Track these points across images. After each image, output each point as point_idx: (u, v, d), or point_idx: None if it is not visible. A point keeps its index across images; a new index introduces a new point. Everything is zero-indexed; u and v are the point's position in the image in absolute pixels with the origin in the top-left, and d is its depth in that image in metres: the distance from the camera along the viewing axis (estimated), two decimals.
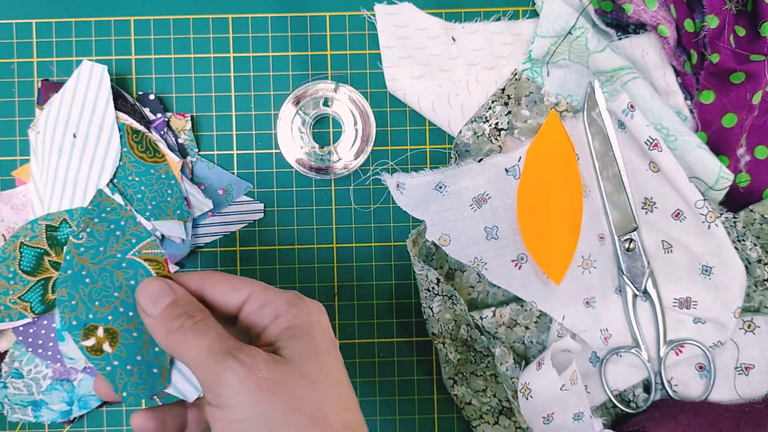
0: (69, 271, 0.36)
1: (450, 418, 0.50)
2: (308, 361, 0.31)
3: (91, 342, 0.35)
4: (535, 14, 0.50)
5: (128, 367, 0.34)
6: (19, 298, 0.45)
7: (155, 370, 0.35)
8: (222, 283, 0.34)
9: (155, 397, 0.44)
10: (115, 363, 0.34)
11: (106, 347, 0.35)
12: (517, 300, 0.47)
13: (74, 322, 0.35)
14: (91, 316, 0.35)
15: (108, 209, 0.37)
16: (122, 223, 0.36)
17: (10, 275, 0.45)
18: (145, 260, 0.36)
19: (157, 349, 0.35)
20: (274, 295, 0.34)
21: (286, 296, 0.34)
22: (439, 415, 0.50)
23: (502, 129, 0.48)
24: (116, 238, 0.36)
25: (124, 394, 0.34)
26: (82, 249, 0.36)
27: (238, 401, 0.29)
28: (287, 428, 0.29)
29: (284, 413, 0.29)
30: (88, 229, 0.36)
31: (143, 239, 0.36)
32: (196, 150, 0.49)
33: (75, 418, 0.48)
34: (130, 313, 0.35)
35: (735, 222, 0.46)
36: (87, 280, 0.35)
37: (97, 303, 0.35)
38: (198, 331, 0.31)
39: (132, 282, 0.35)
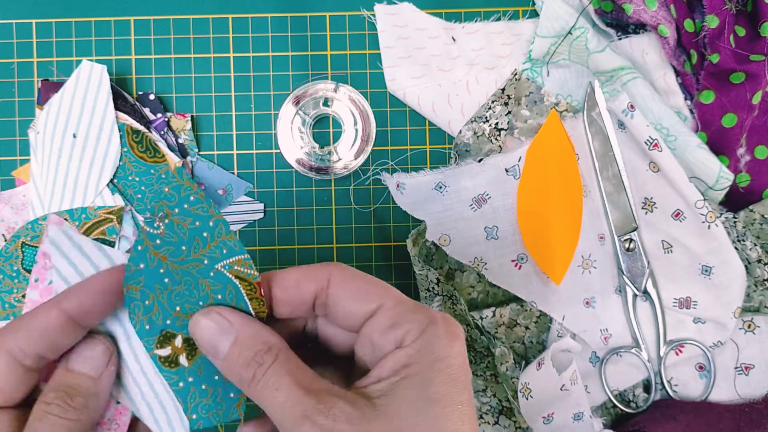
0: (141, 265, 0.29)
1: None
2: (412, 416, 0.25)
3: (166, 351, 0.30)
4: (535, 14, 0.50)
5: (203, 387, 0.30)
6: (23, 296, 0.45)
7: (232, 395, 0.30)
8: (353, 288, 0.28)
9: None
10: (190, 379, 0.30)
11: (183, 360, 0.30)
12: (517, 300, 0.47)
13: (147, 326, 0.29)
14: (168, 321, 0.29)
15: (191, 198, 0.29)
16: (211, 224, 0.29)
17: (14, 274, 0.45)
18: (236, 278, 0.29)
19: None
20: (407, 314, 0.27)
21: (420, 317, 0.27)
22: None
23: (502, 129, 0.48)
24: (203, 240, 0.29)
25: (194, 416, 0.30)
26: (158, 242, 0.29)
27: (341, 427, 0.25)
28: None
29: None
30: (167, 220, 0.29)
31: (236, 254, 0.29)
32: (196, 150, 0.49)
33: None
34: None
35: (735, 222, 0.46)
36: (166, 280, 0.29)
37: (178, 308, 0.29)
38: (270, 386, 0.26)
39: (219, 296, 0.29)
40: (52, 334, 0.28)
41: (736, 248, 0.45)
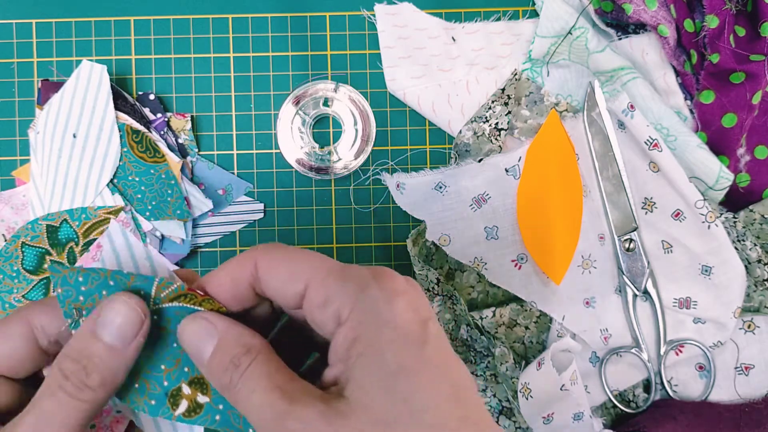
0: None
1: None
2: (379, 398, 0.23)
3: (184, 406, 0.28)
4: (535, 14, 0.50)
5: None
6: (23, 296, 0.45)
7: None
8: (278, 269, 0.26)
9: None
10: (221, 407, 0.28)
11: (202, 398, 0.28)
12: (517, 300, 0.47)
13: (153, 402, 0.28)
14: (165, 383, 0.28)
15: (80, 278, 0.27)
16: (111, 283, 0.27)
17: (14, 274, 0.45)
18: (171, 301, 0.28)
19: None
20: (336, 286, 0.25)
21: (349, 286, 0.25)
22: None
23: (502, 129, 0.48)
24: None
25: (251, 430, 0.28)
26: None
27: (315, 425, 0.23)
28: None
29: None
30: (84, 312, 0.27)
31: (150, 285, 0.27)
32: (196, 150, 0.49)
33: None
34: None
35: (735, 222, 0.46)
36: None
37: (163, 366, 0.28)
38: (245, 389, 0.25)
39: (172, 329, 0.28)
40: None
41: (736, 248, 0.45)
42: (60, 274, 0.26)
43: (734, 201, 0.47)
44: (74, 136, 0.45)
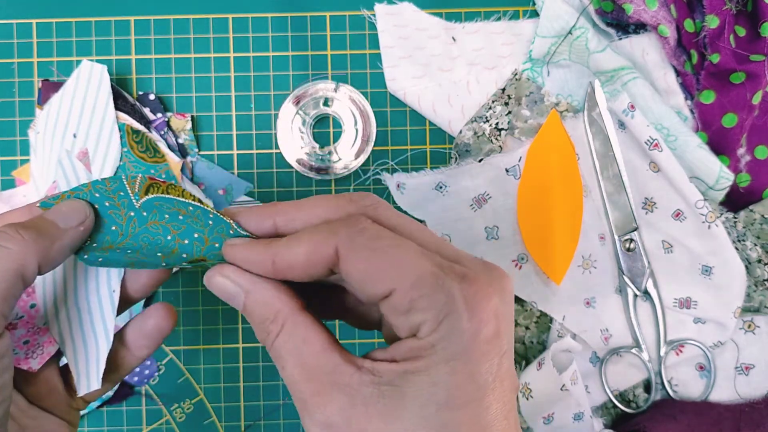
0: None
1: None
2: (415, 416, 0.23)
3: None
4: (535, 14, 0.50)
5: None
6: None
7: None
8: (363, 264, 0.24)
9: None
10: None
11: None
12: (518, 300, 0.47)
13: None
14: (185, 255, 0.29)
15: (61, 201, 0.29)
16: (96, 195, 0.29)
17: None
18: (146, 192, 0.29)
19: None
20: (423, 300, 0.23)
21: (436, 305, 0.23)
22: None
23: (502, 129, 0.48)
24: (104, 212, 0.29)
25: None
26: (98, 240, 0.29)
27: (335, 421, 0.24)
28: None
29: None
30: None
31: (122, 186, 0.29)
32: (196, 150, 0.49)
33: None
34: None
35: (735, 222, 0.46)
36: (128, 254, 0.29)
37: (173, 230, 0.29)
38: (276, 358, 0.25)
39: (167, 216, 0.29)
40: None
41: (736, 248, 0.45)
42: (86, 189, 0.29)
43: (734, 201, 0.47)
44: (74, 136, 0.45)
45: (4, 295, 0.25)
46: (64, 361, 0.33)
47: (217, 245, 0.28)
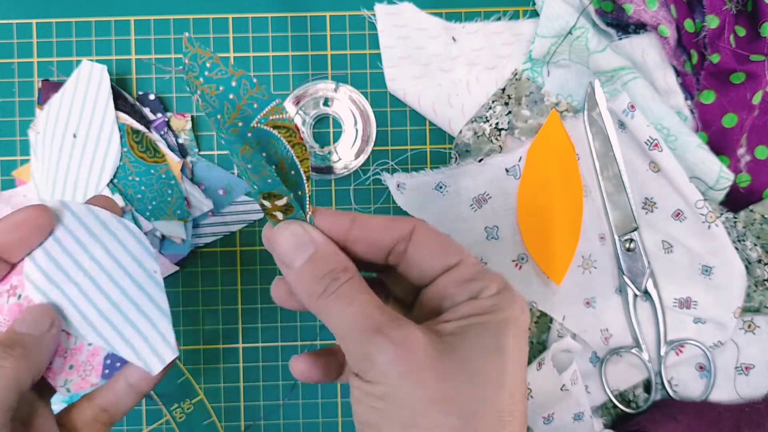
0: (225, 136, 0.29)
1: None
2: (480, 358, 0.26)
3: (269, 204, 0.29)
4: (535, 14, 0.50)
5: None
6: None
7: None
8: (434, 241, 0.29)
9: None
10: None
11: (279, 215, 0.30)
12: None
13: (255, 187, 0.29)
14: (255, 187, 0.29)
15: (208, 65, 0.28)
16: (234, 83, 0.28)
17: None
18: (274, 128, 0.29)
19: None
20: (486, 273, 0.28)
21: (497, 279, 0.28)
22: None
23: (502, 129, 0.48)
24: (231, 103, 0.28)
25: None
26: (208, 115, 0.29)
27: (384, 380, 0.26)
28: (427, 422, 0.25)
29: (431, 407, 0.25)
30: (198, 92, 0.28)
31: (267, 103, 0.28)
32: (196, 150, 0.49)
33: None
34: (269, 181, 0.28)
35: (735, 222, 0.46)
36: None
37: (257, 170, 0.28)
38: (342, 299, 0.27)
39: (264, 154, 0.29)
40: None
41: (736, 248, 0.45)
42: (194, 49, 0.28)
43: (734, 201, 0.47)
44: (74, 136, 0.45)
45: (3, 408, 0.28)
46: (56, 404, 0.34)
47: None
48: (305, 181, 0.29)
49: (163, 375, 0.34)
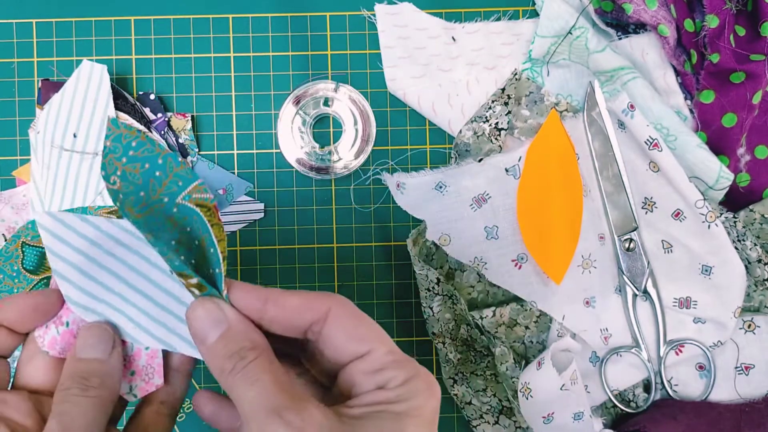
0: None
1: (450, 417, 0.50)
2: None
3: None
4: (535, 14, 0.50)
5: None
6: None
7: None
8: (348, 326, 0.29)
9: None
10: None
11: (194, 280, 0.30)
12: (517, 300, 0.47)
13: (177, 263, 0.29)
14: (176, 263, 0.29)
15: (134, 144, 0.29)
16: (160, 161, 0.29)
17: (14, 274, 0.45)
18: (196, 206, 0.29)
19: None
20: (395, 363, 0.28)
21: (407, 368, 0.28)
22: (440, 415, 0.50)
23: (502, 129, 0.48)
24: (157, 180, 0.29)
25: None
26: (120, 196, 0.29)
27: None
28: None
29: None
30: (118, 172, 0.29)
31: (191, 182, 0.29)
32: (197, 150, 0.49)
33: None
34: (192, 261, 0.30)
35: (735, 222, 0.46)
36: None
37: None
38: (247, 378, 0.27)
39: (188, 228, 0.29)
40: None
41: (736, 248, 0.45)
42: (118, 131, 0.29)
43: (734, 201, 0.47)
44: (74, 136, 0.45)
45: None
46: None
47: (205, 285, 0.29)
48: (221, 261, 0.29)
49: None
